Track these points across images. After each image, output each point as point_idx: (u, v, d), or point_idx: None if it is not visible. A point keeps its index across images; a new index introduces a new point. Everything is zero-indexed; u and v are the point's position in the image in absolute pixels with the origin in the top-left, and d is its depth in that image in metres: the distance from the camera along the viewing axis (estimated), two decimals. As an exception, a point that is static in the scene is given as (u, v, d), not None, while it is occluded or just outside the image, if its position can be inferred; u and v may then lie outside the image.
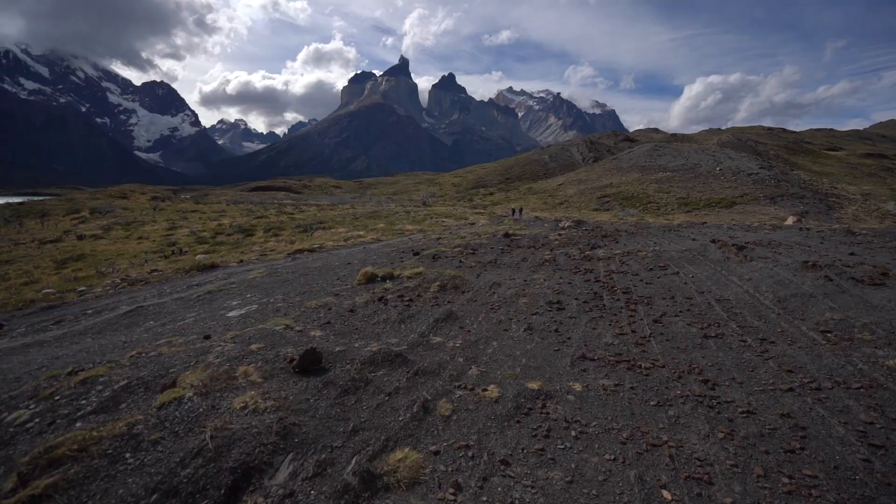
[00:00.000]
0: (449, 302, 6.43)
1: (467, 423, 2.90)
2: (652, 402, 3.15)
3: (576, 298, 6.13)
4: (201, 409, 2.83)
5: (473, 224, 24.69)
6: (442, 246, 12.16)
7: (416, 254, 11.11)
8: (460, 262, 9.70)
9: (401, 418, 2.93)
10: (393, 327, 5.42)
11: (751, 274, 6.59)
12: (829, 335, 4.25)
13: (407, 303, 6.57)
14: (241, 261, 15.07)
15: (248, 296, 8.29)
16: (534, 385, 3.40)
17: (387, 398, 3.22)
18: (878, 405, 3.02)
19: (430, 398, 3.21)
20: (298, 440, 2.60)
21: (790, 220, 19.02)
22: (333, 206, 53.84)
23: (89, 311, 8.31)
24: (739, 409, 3.02)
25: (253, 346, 4.78)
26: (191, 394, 2.98)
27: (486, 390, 3.34)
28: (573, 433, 2.78)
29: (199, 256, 18.68)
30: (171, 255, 20.27)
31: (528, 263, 9.18)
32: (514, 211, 34.82)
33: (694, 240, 11.37)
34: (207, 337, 5.52)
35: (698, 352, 4.10)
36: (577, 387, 3.42)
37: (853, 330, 4.32)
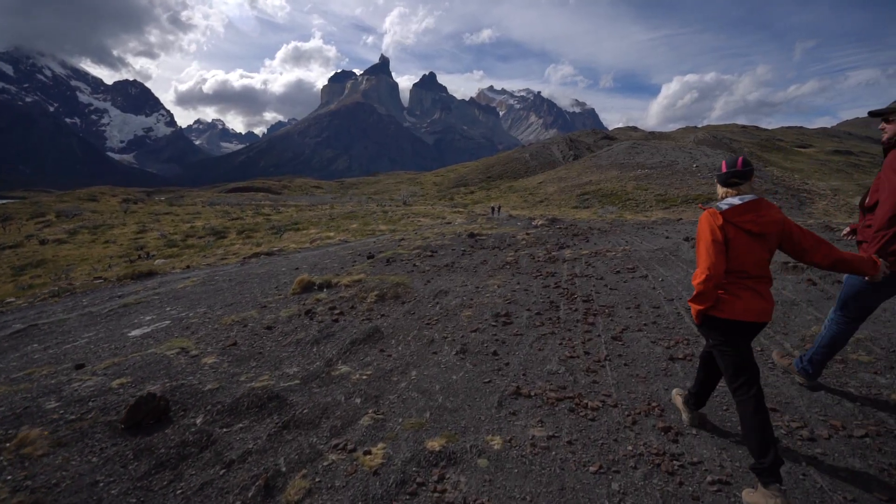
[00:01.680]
0: (382, 315, 5.51)
1: (321, 515, 1.98)
2: (592, 468, 2.28)
3: (528, 309, 5.27)
4: None
5: (450, 223, 23.81)
6: (401, 248, 11.22)
7: (371, 257, 10.16)
8: (414, 265, 8.78)
9: (224, 511, 1.98)
10: (303, 350, 4.47)
11: (725, 277, 5.85)
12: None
13: (336, 317, 5.63)
14: (188, 266, 13.87)
15: (168, 309, 7.22)
16: (436, 443, 2.49)
17: (222, 472, 2.27)
18: (893, 466, 2.20)
19: (284, 470, 2.28)
20: (30, 569, 1.65)
21: (765, 216, 18.66)
22: (312, 206, 52.39)
23: (-29, 332, 7.07)
24: (710, 478, 2.18)
25: (116, 382, 3.80)
26: None
27: (370, 453, 2.42)
28: (470, 530, 1.88)
29: (158, 261, 17.39)
30: (136, 260, 18.86)
31: (487, 266, 8.32)
32: (493, 209, 34.21)
33: (667, 238, 10.69)
34: (80, 366, 4.50)
35: (661, 381, 3.26)
36: (497, 442, 2.53)
37: (846, 348, 3.55)
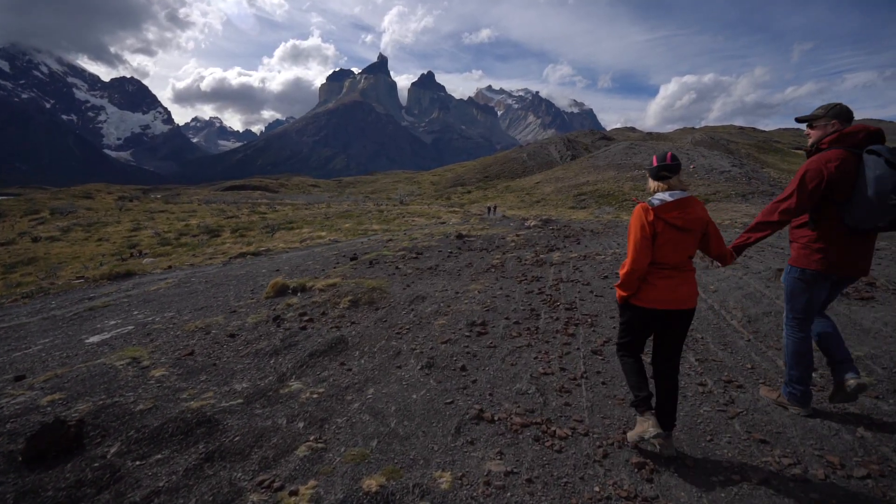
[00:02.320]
0: (352, 323, 5.19)
1: (219, 579, 1.65)
2: (550, 515, 1.95)
3: (506, 318, 4.95)
4: None
5: (444, 223, 23.46)
6: (386, 249, 10.89)
7: (354, 258, 9.85)
8: (397, 268, 8.46)
9: (103, 574, 1.65)
10: (260, 362, 4.15)
11: (717, 284, 5.52)
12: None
13: (304, 324, 5.32)
14: (170, 266, 13.51)
15: (135, 313, 6.89)
16: (374, 482, 2.17)
17: (118, 520, 1.94)
18: (899, 516, 1.89)
19: (192, 517, 1.95)
20: None
21: (761, 218, 18.36)
22: (309, 205, 51.83)
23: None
24: (685, 530, 1.85)
25: (47, 399, 3.49)
26: None
27: (296, 493, 2.10)
28: None
29: (146, 260, 17.07)
30: (129, 258, 18.54)
31: (471, 270, 8.00)
32: (489, 209, 33.98)
33: (660, 240, 10.38)
34: (20, 378, 4.20)
35: (640, 403, 2.94)
36: (446, 480, 2.20)
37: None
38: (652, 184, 2.41)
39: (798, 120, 2.68)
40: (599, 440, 2.54)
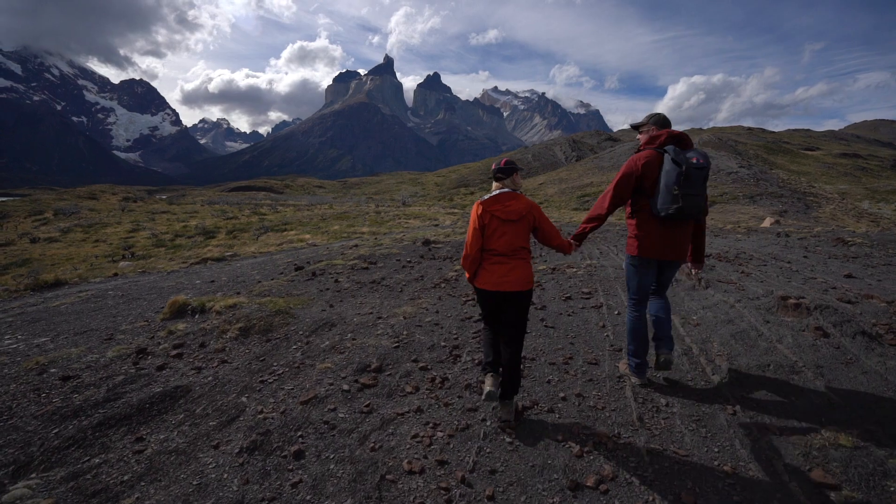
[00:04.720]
0: (222, 361, 3.99)
1: None
2: None
3: (415, 360, 3.70)
4: None
5: (437, 224, 22.40)
6: (342, 258, 9.73)
7: (300, 268, 8.75)
8: (336, 281, 7.30)
9: None
10: (42, 430, 2.95)
11: (701, 314, 4.23)
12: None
13: (166, 361, 4.17)
14: (116, 274, 12.44)
15: (6, 338, 5.75)
16: None
17: None
18: None
19: None
20: None
21: (767, 222, 16.93)
22: (311, 206, 50.97)
23: None
24: None
25: None
26: None
27: None
28: None
29: (122, 263, 16.16)
30: (120, 260, 17.78)
31: (418, 284, 6.79)
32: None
33: (648, 248, 9.08)
34: None
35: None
36: None
37: (885, 478, 1.95)
38: (493, 184, 2.75)
39: (632, 127, 3.01)
40: None
